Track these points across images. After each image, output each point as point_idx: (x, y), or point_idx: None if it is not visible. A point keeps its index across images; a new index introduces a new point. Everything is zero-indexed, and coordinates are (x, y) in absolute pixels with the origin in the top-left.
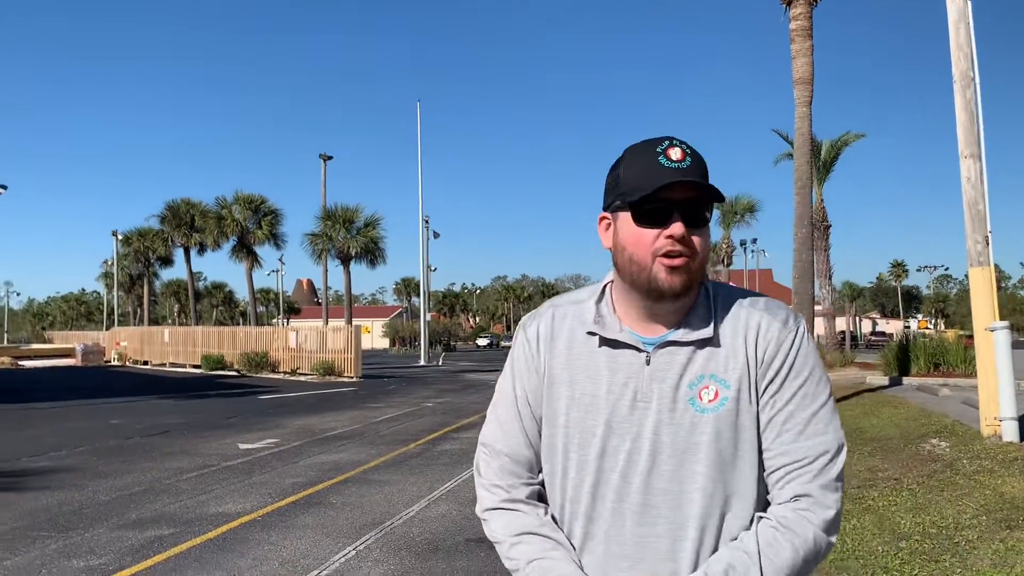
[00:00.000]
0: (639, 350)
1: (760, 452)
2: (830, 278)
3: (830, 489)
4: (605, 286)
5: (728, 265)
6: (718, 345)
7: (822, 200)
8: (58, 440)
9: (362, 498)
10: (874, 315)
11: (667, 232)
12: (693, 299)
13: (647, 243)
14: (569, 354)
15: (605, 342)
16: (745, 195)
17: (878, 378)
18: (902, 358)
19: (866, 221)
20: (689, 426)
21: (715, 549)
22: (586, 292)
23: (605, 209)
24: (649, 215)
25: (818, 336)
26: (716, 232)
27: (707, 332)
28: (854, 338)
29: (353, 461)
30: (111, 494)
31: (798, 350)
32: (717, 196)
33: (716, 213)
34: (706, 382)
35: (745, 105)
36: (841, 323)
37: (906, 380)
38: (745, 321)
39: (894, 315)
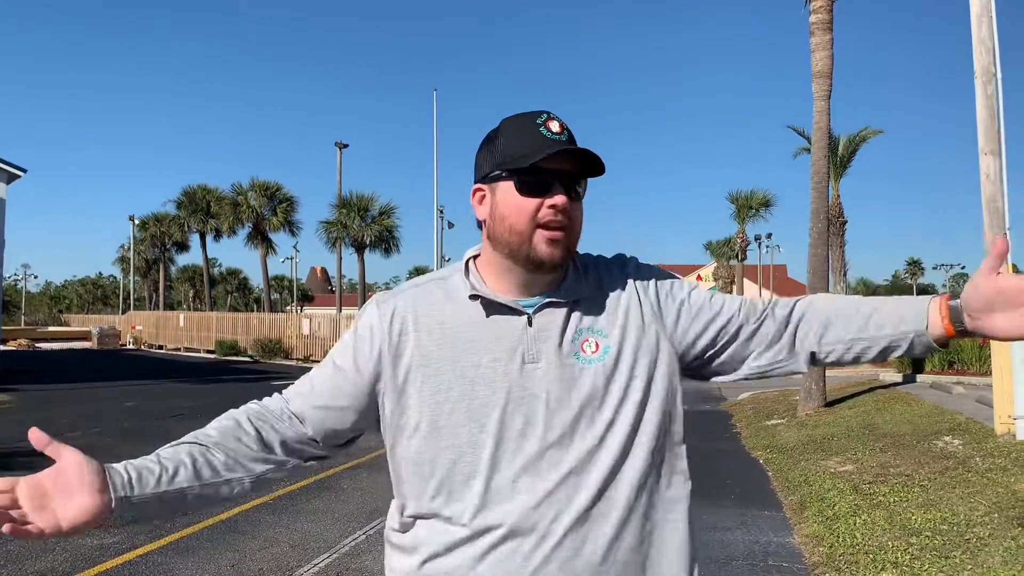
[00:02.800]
0: (520, 313)
1: (649, 391)
2: (845, 275)
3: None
4: (467, 261)
5: (742, 260)
6: (592, 302)
7: (838, 196)
8: (73, 421)
9: (374, 484)
10: None
11: (549, 202)
12: (566, 268)
13: (529, 212)
14: (443, 329)
15: (487, 306)
16: (761, 190)
17: (891, 375)
18: None
19: (883, 218)
20: (579, 376)
21: (619, 486)
22: (448, 270)
23: (481, 181)
24: (532, 185)
25: None
26: (731, 226)
27: (583, 292)
28: None
29: (364, 447)
30: None
31: (658, 270)
32: (599, 168)
33: (731, 208)
34: (585, 335)
35: (763, 98)
36: None
37: (920, 377)
38: (610, 277)
39: None
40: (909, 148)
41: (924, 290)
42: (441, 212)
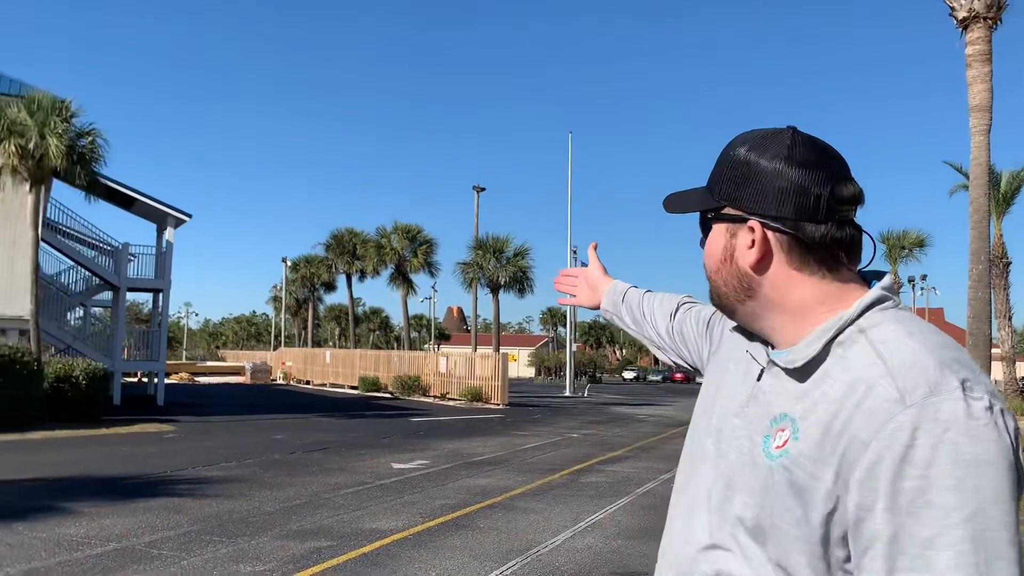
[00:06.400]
0: (758, 361)
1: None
2: (1010, 319)
3: None
4: None
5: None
6: (803, 381)
7: (1001, 235)
8: (228, 452)
9: (509, 523)
10: None
11: None
12: (793, 319)
13: None
14: (721, 343)
15: (744, 336)
16: (914, 229)
17: None
18: None
19: None
20: (753, 466)
21: None
22: None
23: (783, 220)
24: None
25: (995, 381)
26: (881, 266)
27: (792, 357)
28: None
29: (500, 487)
30: (275, 505)
31: (907, 447)
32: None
33: (882, 248)
34: (784, 424)
35: (917, 134)
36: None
37: None
38: (851, 366)
39: None
40: None
41: None
42: (575, 253)
